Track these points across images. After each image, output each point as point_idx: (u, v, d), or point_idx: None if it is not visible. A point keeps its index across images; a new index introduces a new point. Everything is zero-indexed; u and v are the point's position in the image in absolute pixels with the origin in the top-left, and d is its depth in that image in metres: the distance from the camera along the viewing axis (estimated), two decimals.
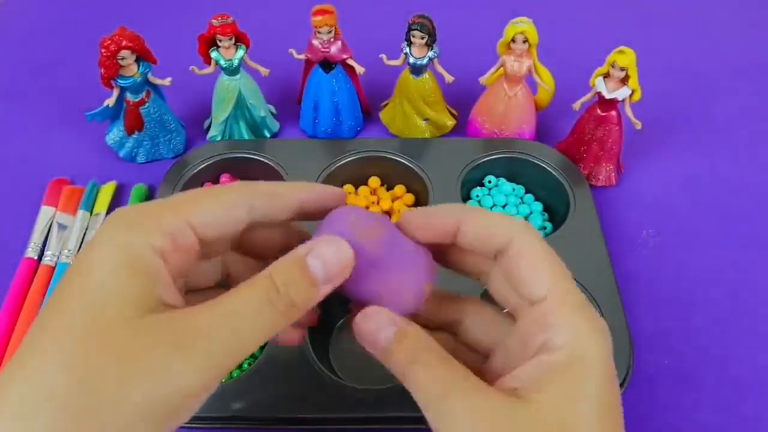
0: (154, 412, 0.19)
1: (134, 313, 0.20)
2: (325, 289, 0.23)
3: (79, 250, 0.49)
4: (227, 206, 0.24)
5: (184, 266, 0.23)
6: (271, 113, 0.60)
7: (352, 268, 0.24)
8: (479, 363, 0.27)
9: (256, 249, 0.28)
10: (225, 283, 0.28)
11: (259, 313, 0.21)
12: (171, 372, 0.19)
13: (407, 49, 0.53)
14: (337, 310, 0.45)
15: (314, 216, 0.27)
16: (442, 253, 0.27)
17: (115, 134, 0.55)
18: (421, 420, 0.23)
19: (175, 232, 0.22)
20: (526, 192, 0.54)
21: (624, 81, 0.49)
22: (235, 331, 0.21)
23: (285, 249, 0.24)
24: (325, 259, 0.23)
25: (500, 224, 0.25)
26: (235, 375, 0.42)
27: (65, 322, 0.20)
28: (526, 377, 0.22)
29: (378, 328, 0.24)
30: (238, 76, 0.54)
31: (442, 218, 0.26)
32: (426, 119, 0.57)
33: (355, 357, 0.43)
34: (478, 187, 0.53)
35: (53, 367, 0.19)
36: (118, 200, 0.54)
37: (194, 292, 0.27)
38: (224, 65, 0.53)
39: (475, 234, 0.25)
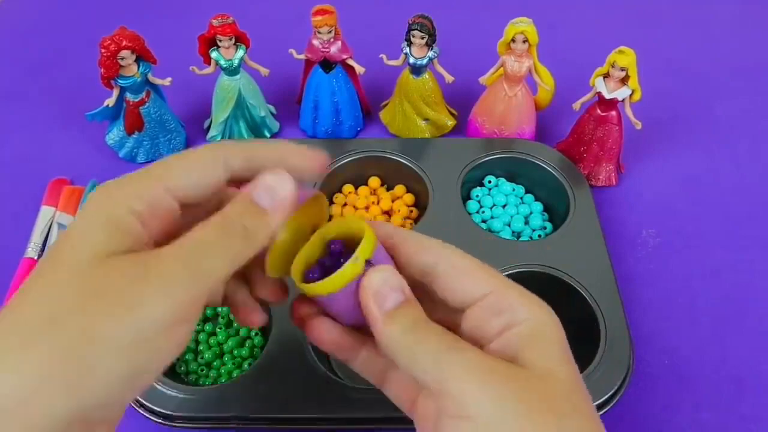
0: (128, 346, 0.20)
1: (104, 255, 0.21)
2: (276, 217, 0.25)
3: None
4: (201, 166, 0.25)
5: (166, 229, 0.24)
6: (271, 113, 0.60)
7: (295, 198, 0.25)
8: None
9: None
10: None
11: (219, 240, 0.23)
12: (143, 303, 0.21)
13: (407, 49, 0.53)
14: None
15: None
16: None
17: (115, 134, 0.55)
18: None
19: (153, 200, 0.23)
20: (526, 192, 0.54)
21: (624, 81, 0.49)
22: (200, 258, 0.22)
23: None
24: (270, 190, 0.25)
25: (428, 244, 0.27)
26: (235, 375, 0.42)
27: (45, 270, 0.22)
28: (500, 349, 0.24)
29: (388, 289, 0.25)
30: (238, 76, 0.54)
31: (384, 236, 0.28)
32: (426, 119, 0.57)
33: None
34: (478, 187, 0.53)
35: (31, 306, 0.21)
36: None
37: None
38: (224, 65, 0.53)
39: (405, 253, 0.27)
